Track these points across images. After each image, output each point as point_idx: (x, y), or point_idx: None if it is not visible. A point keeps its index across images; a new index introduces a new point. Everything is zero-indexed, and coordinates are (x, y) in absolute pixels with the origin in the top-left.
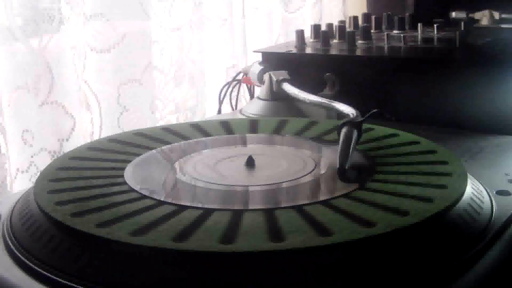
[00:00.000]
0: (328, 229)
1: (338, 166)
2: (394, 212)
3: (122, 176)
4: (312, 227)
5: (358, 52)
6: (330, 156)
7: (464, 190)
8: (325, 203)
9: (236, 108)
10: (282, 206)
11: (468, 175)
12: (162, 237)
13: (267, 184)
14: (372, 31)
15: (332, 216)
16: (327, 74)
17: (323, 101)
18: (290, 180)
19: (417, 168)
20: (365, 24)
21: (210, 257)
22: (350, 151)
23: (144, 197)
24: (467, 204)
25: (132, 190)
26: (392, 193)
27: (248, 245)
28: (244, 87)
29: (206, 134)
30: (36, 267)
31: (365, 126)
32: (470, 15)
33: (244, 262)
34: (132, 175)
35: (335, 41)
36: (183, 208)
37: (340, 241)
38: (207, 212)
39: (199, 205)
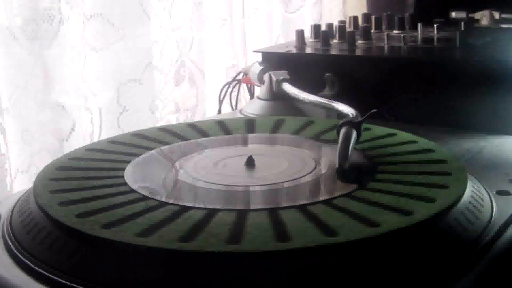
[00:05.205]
0: (332, 229)
1: (337, 166)
2: (397, 212)
3: (123, 176)
4: (316, 227)
5: (358, 52)
6: (330, 156)
7: (466, 187)
8: (327, 202)
9: (236, 108)
10: (285, 206)
11: (468, 175)
12: (169, 238)
13: (269, 184)
14: (372, 31)
15: (336, 215)
16: (327, 74)
17: (323, 101)
18: (292, 180)
19: (417, 167)
20: (365, 24)
21: (217, 258)
22: (349, 151)
23: (146, 198)
24: (468, 204)
25: (133, 191)
26: (394, 193)
27: (255, 245)
28: (244, 87)
29: (203, 134)
30: (36, 267)
31: (363, 126)
32: (470, 15)
33: (252, 262)
34: (132, 176)
35: (335, 41)
36: (186, 208)
37: (346, 240)
38: (211, 213)
39: (202, 206)
